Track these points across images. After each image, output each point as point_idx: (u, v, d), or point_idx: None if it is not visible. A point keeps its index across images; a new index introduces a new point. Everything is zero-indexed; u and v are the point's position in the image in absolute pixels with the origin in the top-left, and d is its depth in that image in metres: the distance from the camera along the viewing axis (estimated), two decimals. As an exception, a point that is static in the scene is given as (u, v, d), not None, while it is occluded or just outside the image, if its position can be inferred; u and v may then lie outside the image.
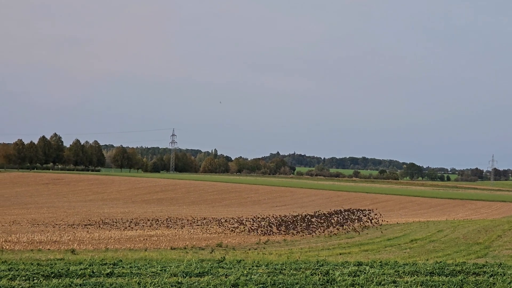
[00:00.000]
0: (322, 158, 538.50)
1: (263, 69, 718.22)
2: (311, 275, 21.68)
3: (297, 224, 70.01)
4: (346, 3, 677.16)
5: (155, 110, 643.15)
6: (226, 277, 20.39)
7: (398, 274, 22.68)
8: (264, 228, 65.13)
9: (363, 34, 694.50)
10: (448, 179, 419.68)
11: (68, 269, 21.30)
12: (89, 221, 69.00)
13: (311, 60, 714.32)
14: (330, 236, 57.85)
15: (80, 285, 18.15)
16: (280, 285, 18.95)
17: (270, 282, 19.45)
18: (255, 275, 21.18)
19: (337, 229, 65.62)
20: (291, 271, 22.88)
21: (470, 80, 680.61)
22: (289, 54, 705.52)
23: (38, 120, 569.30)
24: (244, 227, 64.78)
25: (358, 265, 25.76)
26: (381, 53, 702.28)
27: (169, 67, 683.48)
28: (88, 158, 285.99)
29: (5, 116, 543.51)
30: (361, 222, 73.97)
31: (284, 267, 24.08)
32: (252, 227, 65.07)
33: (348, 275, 21.60)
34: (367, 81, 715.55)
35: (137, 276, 20.50)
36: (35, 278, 19.32)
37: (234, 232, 59.96)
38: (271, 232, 60.89)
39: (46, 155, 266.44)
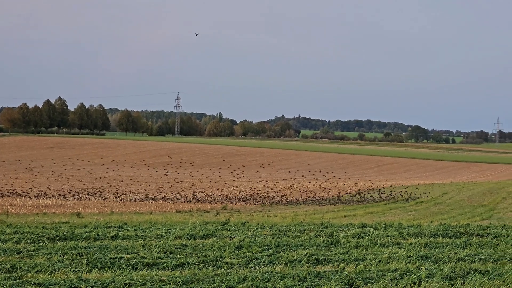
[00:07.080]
0: (327, 121, 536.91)
1: (269, 31, 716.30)
2: (315, 237, 21.77)
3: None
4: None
5: (160, 74, 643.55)
6: (230, 239, 20.50)
7: (402, 236, 22.77)
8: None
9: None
10: (453, 141, 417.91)
11: (73, 232, 21.41)
12: (95, 185, 69.23)
13: (315, 23, 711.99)
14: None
15: (85, 247, 18.25)
16: (284, 247, 19.02)
17: (274, 243, 19.53)
18: (259, 237, 21.28)
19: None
20: (295, 233, 22.96)
21: (475, 43, 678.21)
22: (294, 17, 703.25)
23: (43, 84, 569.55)
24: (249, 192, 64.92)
25: (362, 227, 25.83)
26: (384, 14, 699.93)
27: (172, 29, 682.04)
28: (93, 122, 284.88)
29: (9, 80, 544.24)
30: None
31: (289, 229, 24.15)
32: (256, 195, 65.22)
33: (352, 237, 21.69)
34: (371, 44, 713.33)
35: (142, 238, 20.59)
36: (40, 241, 19.41)
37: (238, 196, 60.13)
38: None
39: (51, 119, 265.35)
